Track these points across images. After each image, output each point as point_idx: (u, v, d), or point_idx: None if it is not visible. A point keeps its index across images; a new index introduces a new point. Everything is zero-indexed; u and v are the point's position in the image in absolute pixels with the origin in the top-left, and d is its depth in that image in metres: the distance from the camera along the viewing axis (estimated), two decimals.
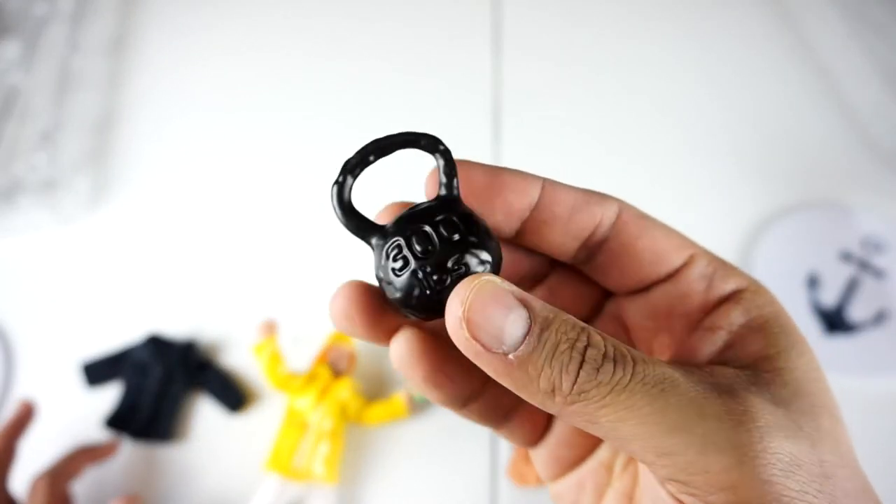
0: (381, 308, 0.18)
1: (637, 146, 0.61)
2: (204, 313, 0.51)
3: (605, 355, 0.14)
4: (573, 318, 0.14)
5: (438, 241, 0.16)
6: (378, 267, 0.17)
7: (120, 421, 0.46)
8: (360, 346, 0.49)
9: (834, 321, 0.50)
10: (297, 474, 0.42)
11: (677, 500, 0.14)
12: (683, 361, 0.17)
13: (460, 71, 0.65)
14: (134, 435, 0.45)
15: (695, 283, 0.18)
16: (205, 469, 0.45)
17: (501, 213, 0.18)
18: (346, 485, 0.44)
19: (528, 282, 0.20)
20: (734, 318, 0.17)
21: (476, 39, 0.68)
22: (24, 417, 0.42)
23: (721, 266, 0.18)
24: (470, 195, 0.18)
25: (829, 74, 0.65)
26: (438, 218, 0.16)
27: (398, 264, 0.16)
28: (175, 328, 0.50)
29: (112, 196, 0.58)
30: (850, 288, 0.52)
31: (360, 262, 0.55)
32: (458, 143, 0.65)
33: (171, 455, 0.46)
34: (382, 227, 0.18)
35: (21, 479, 0.40)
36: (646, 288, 0.19)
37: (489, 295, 0.14)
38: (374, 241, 0.18)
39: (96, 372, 0.48)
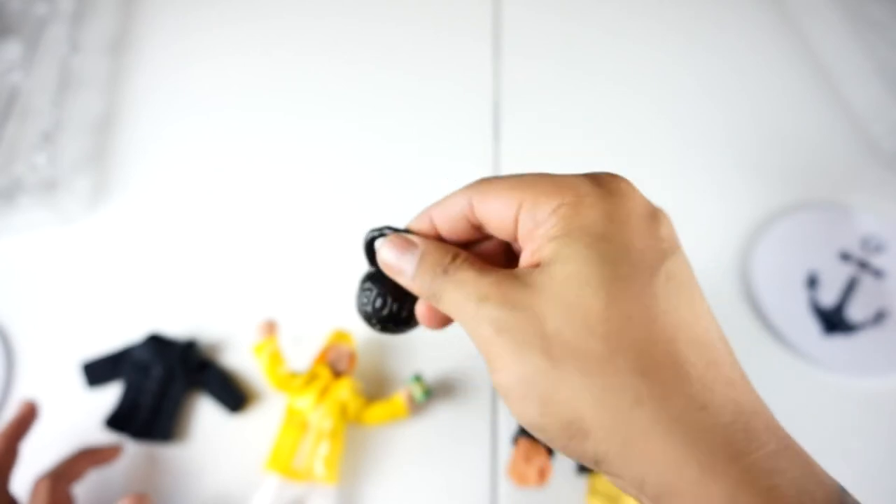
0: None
1: (637, 146, 0.61)
2: (204, 313, 0.51)
3: (444, 270, 0.26)
4: (442, 251, 0.27)
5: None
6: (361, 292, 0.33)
7: (120, 421, 0.46)
8: (361, 346, 0.49)
9: (833, 321, 0.50)
10: (297, 474, 0.43)
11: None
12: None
13: (461, 70, 0.65)
14: (134, 435, 0.45)
15: (525, 220, 0.25)
16: (205, 469, 0.45)
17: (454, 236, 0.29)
18: (346, 485, 0.44)
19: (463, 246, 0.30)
20: (538, 231, 0.24)
21: (477, 39, 0.68)
22: (27, 418, 0.41)
23: (546, 197, 0.24)
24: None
25: (829, 75, 0.65)
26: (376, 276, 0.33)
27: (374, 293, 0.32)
28: (175, 328, 0.50)
29: (112, 196, 0.58)
30: (850, 288, 0.52)
31: (360, 263, 0.55)
32: (458, 142, 0.65)
33: (172, 455, 0.46)
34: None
35: (21, 479, 0.40)
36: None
37: (390, 245, 0.30)
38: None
39: (96, 372, 0.48)
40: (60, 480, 0.39)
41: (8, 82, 0.61)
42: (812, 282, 0.52)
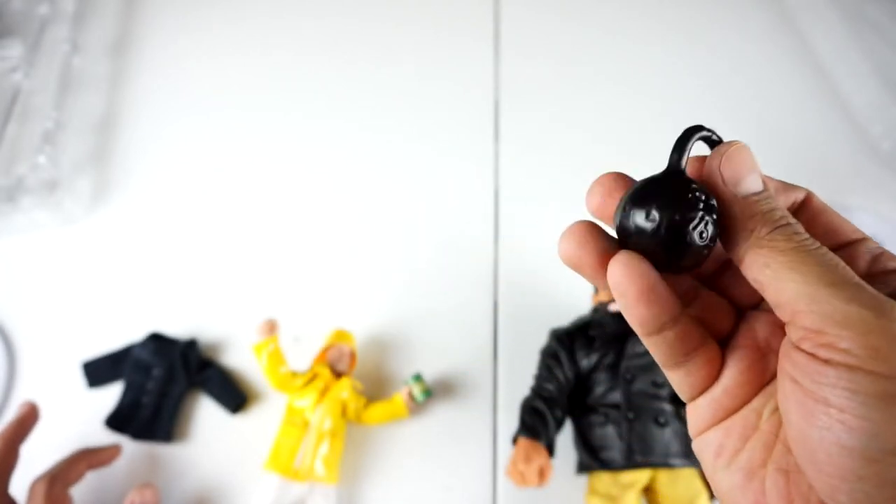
0: (605, 251, 0.20)
1: (637, 146, 0.61)
2: (204, 313, 0.51)
3: (796, 231, 0.19)
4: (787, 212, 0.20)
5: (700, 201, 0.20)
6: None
7: (120, 420, 0.46)
8: (361, 346, 0.49)
9: None
10: (297, 474, 0.43)
11: (810, 354, 0.17)
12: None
13: (461, 70, 0.65)
14: (135, 435, 0.46)
15: (862, 255, 0.20)
16: (205, 469, 0.45)
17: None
18: (346, 484, 0.44)
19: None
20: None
21: (477, 39, 0.68)
22: (28, 419, 0.41)
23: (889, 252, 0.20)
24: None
25: (828, 75, 0.65)
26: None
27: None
28: (176, 328, 0.50)
29: (113, 196, 0.58)
30: None
31: (360, 262, 0.55)
32: (458, 142, 0.65)
33: (172, 455, 0.46)
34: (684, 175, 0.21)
35: (20, 480, 0.39)
36: None
37: (747, 156, 0.20)
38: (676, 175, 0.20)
39: (97, 372, 0.48)
40: (57, 482, 0.38)
41: (9, 82, 0.61)
42: None
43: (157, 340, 0.49)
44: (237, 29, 0.69)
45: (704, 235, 0.19)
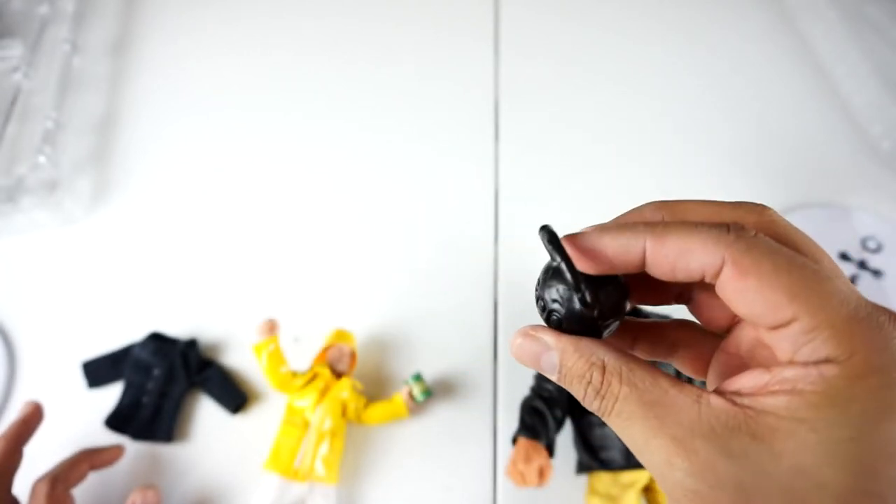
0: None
1: (637, 147, 0.61)
2: (205, 313, 0.51)
3: (598, 393, 0.20)
4: (589, 356, 0.20)
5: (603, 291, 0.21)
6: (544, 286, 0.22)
7: (120, 420, 0.46)
8: (361, 346, 0.49)
9: None
10: (297, 474, 0.43)
11: None
12: (718, 387, 0.20)
13: (461, 71, 0.65)
14: (135, 435, 0.46)
15: (783, 342, 0.18)
16: (205, 469, 0.45)
17: (614, 270, 0.21)
18: (346, 485, 0.44)
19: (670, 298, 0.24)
20: (787, 374, 0.18)
21: (477, 39, 0.68)
22: (32, 419, 0.41)
23: (824, 335, 0.17)
24: (580, 261, 0.21)
25: (828, 76, 0.65)
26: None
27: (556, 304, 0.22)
28: (176, 328, 0.50)
29: (113, 196, 0.58)
30: None
31: (360, 262, 0.55)
32: (458, 142, 0.65)
33: (173, 455, 0.46)
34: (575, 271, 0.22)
35: (20, 480, 0.40)
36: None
37: (526, 347, 0.22)
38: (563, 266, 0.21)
39: (97, 372, 0.48)
40: (59, 483, 0.38)
41: (9, 82, 0.61)
42: None
43: (157, 340, 0.49)
44: (237, 29, 0.69)
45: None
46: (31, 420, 0.41)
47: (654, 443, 0.18)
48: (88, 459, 0.41)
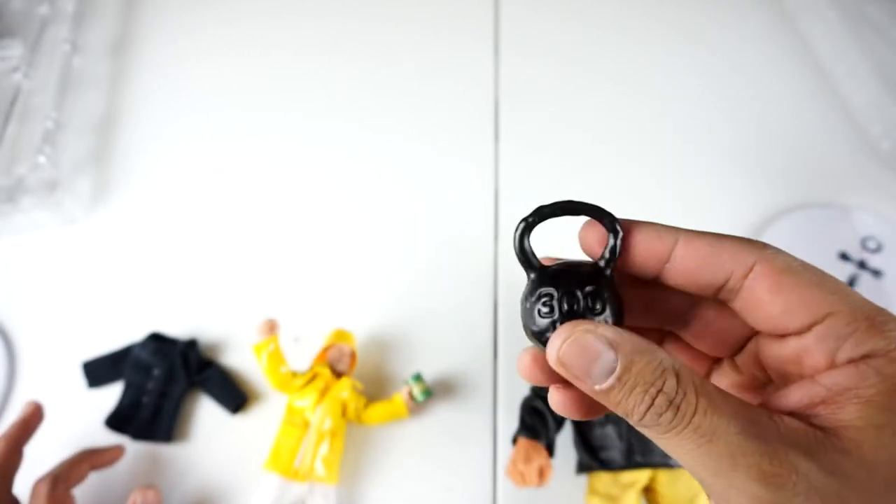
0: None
1: (637, 147, 0.61)
2: (204, 313, 0.51)
3: (671, 402, 0.17)
4: (659, 361, 0.17)
5: (582, 307, 0.20)
6: (527, 299, 0.21)
7: (120, 420, 0.46)
8: (361, 346, 0.49)
9: None
10: (297, 474, 0.43)
11: None
12: (766, 405, 0.19)
13: (461, 70, 0.65)
14: (135, 435, 0.46)
15: (821, 343, 0.18)
16: (205, 469, 0.45)
17: (635, 268, 0.20)
18: (346, 485, 0.44)
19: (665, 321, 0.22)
20: (839, 379, 0.17)
21: (477, 39, 0.68)
22: (32, 420, 0.41)
23: (863, 327, 0.18)
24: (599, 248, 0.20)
25: (828, 76, 0.65)
26: (588, 289, 0.20)
27: (545, 309, 0.20)
28: (176, 328, 0.50)
29: (113, 196, 0.58)
30: None
31: (360, 262, 0.55)
32: (458, 142, 0.65)
33: (172, 455, 0.46)
34: (544, 268, 0.21)
35: (20, 479, 0.40)
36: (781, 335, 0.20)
37: (583, 341, 0.18)
38: (532, 275, 0.21)
39: (97, 372, 0.48)
40: (60, 483, 0.38)
41: (9, 82, 0.61)
42: None
43: (157, 340, 0.49)
44: (237, 29, 0.69)
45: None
46: (32, 420, 0.41)
47: (744, 461, 0.16)
48: (89, 459, 0.41)
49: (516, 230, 0.21)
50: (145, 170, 0.60)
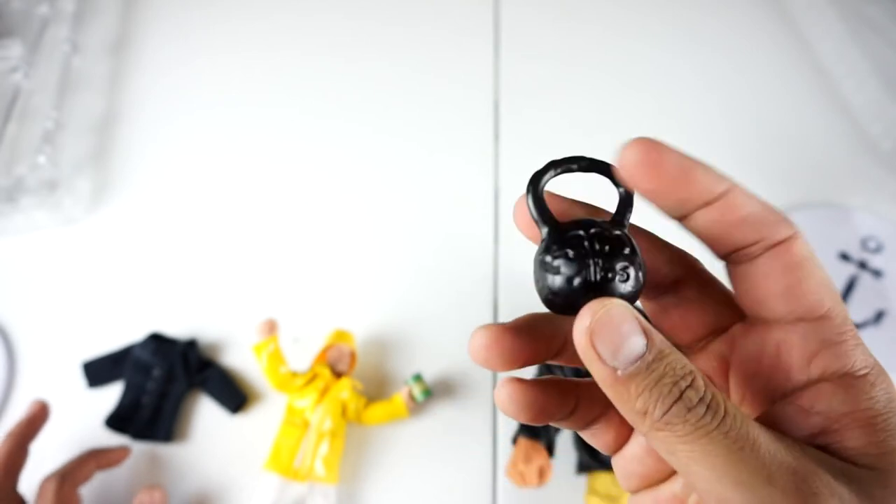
0: (512, 352, 0.19)
1: None
2: (205, 313, 0.51)
3: (701, 399, 0.15)
4: (687, 361, 0.16)
5: (611, 248, 0.18)
6: (547, 252, 0.19)
7: (120, 420, 0.46)
8: (361, 346, 0.49)
9: None
10: (297, 474, 0.43)
11: None
12: (779, 429, 0.18)
13: (461, 70, 0.65)
14: (135, 435, 0.46)
15: (804, 340, 0.18)
16: (205, 469, 0.45)
17: (678, 200, 0.19)
18: (346, 485, 0.44)
19: (649, 291, 0.21)
20: (835, 404, 0.17)
21: (477, 39, 0.68)
22: (38, 418, 0.41)
23: (850, 342, 0.17)
24: (656, 177, 0.19)
25: (828, 75, 0.65)
26: (613, 233, 0.19)
27: (573, 253, 0.18)
28: (176, 328, 0.50)
29: (113, 196, 0.58)
30: (849, 288, 0.52)
31: (360, 262, 0.55)
32: (458, 141, 0.65)
33: (172, 455, 0.46)
34: (559, 222, 0.20)
35: (27, 479, 0.40)
36: (767, 322, 0.19)
37: (617, 316, 0.16)
38: (547, 230, 0.20)
39: (97, 372, 0.48)
40: (67, 481, 0.39)
41: (9, 82, 0.61)
42: None
43: (157, 340, 0.49)
44: (237, 29, 0.69)
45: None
46: (38, 419, 0.41)
47: (782, 477, 0.15)
48: (95, 459, 0.41)
49: (529, 182, 0.20)
50: (145, 170, 0.60)
